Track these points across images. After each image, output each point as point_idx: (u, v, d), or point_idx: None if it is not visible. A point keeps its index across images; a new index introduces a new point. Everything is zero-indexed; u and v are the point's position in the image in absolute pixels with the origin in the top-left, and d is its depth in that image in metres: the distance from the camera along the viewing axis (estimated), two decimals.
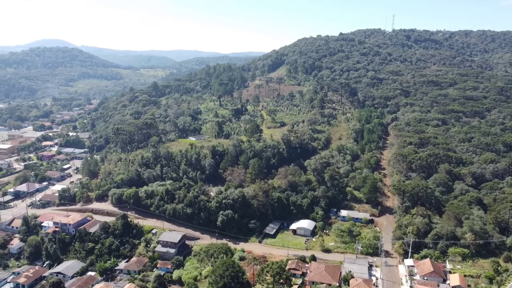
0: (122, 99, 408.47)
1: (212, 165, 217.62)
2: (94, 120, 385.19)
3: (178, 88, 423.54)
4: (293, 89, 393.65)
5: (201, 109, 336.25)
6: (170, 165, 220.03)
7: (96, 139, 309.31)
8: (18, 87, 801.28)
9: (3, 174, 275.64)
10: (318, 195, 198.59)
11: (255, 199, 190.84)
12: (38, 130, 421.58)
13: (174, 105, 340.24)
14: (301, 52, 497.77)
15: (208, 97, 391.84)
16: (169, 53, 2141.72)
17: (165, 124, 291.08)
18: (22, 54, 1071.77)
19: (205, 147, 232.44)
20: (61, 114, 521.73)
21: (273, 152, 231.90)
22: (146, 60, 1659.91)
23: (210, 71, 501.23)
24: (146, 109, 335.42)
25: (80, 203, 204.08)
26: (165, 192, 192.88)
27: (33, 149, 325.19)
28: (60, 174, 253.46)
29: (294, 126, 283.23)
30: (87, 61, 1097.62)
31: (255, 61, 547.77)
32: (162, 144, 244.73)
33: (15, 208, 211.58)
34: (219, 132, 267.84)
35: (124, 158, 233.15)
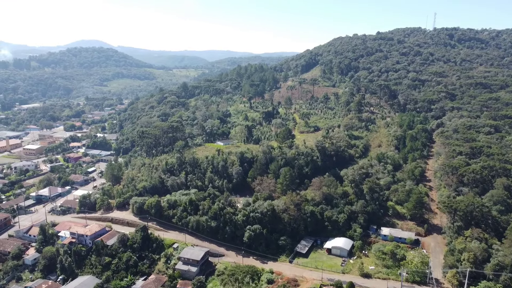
0: (151, 100, 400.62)
1: (240, 174, 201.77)
2: (122, 121, 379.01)
3: (208, 89, 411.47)
4: (328, 91, 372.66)
5: (231, 112, 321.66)
6: (195, 172, 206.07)
7: (122, 141, 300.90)
8: (55, 87, 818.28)
9: (30, 175, 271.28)
10: (356, 210, 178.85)
11: (286, 213, 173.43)
12: (69, 130, 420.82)
13: (203, 107, 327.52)
14: (336, 52, 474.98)
15: (238, 99, 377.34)
16: (202, 53, 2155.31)
17: (193, 127, 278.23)
18: (60, 54, 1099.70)
19: (233, 154, 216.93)
20: (92, 114, 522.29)
21: (306, 160, 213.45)
22: (180, 60, 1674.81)
23: (241, 71, 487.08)
24: (173, 111, 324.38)
25: (100, 211, 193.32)
26: (189, 203, 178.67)
27: (61, 150, 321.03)
28: (84, 178, 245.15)
29: (329, 131, 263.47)
30: (122, 61, 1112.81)
31: (288, 61, 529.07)
32: (188, 149, 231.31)
33: (36, 213, 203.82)
34: (248, 136, 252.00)
35: (148, 164, 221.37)
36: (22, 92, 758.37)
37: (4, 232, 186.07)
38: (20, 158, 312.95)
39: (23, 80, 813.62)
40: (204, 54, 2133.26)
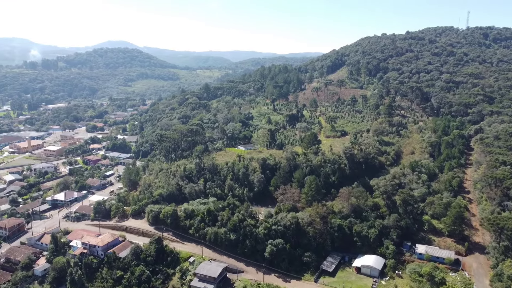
0: (172, 101, 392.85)
1: (262, 182, 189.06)
2: (143, 123, 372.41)
3: (230, 90, 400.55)
4: (355, 92, 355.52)
5: (253, 114, 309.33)
6: (215, 180, 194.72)
7: (142, 144, 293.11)
8: (80, 87, 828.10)
9: (48, 178, 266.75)
10: (389, 224, 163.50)
11: (311, 226, 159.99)
12: (90, 131, 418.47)
13: (225, 109, 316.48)
14: (364, 52, 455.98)
15: (261, 101, 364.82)
16: (226, 54, 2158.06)
17: (213, 130, 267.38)
18: (86, 54, 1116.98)
19: (254, 160, 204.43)
20: (115, 114, 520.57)
21: (333, 168, 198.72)
22: (204, 60, 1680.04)
23: (264, 72, 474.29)
24: (194, 113, 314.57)
25: (115, 218, 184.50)
26: (207, 213, 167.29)
27: (81, 152, 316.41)
28: (101, 182, 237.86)
29: (357, 137, 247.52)
30: (146, 61, 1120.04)
31: (313, 62, 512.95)
32: (208, 155, 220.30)
33: (50, 219, 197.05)
34: (271, 141, 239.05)
35: (166, 169, 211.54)
36: (48, 92, 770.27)
37: (17, 239, 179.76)
38: (40, 159, 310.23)
39: (50, 80, 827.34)
40: (228, 54, 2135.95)
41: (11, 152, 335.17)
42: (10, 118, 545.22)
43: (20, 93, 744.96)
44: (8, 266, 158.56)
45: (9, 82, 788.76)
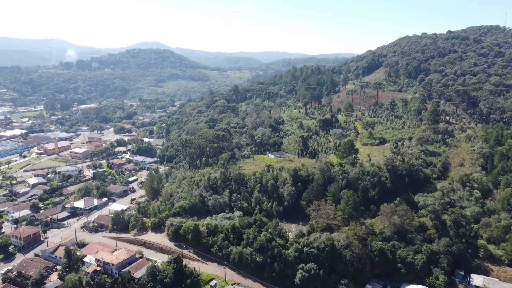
0: (200, 103, 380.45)
1: (293, 195, 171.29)
2: (170, 126, 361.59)
3: (260, 92, 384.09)
4: (394, 96, 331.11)
5: (284, 118, 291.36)
6: (241, 191, 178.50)
7: (167, 148, 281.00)
8: (112, 87, 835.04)
9: (72, 182, 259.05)
10: (438, 250, 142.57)
11: (348, 249, 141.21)
12: (118, 133, 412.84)
13: (254, 112, 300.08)
14: (403, 52, 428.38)
15: (292, 104, 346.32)
16: (257, 55, 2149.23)
17: (241, 135, 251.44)
18: (119, 55, 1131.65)
19: (285, 170, 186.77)
20: (144, 116, 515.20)
21: (373, 181, 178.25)
22: (235, 61, 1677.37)
23: (296, 73, 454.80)
24: (222, 116, 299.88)
25: (134, 231, 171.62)
26: (231, 230, 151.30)
27: (106, 155, 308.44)
28: (123, 189, 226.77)
29: (398, 145, 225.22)
30: (177, 62, 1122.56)
31: (348, 63, 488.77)
32: (234, 163, 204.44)
33: (67, 229, 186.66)
34: (303, 149, 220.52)
35: (189, 177, 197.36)
36: (81, 92, 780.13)
37: (31, 250, 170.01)
38: (66, 161, 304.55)
39: (83, 81, 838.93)
40: (259, 55, 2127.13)
41: (38, 154, 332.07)
42: (42, 118, 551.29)
43: (54, 93, 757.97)
44: (19, 281, 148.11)
45: (44, 82, 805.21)
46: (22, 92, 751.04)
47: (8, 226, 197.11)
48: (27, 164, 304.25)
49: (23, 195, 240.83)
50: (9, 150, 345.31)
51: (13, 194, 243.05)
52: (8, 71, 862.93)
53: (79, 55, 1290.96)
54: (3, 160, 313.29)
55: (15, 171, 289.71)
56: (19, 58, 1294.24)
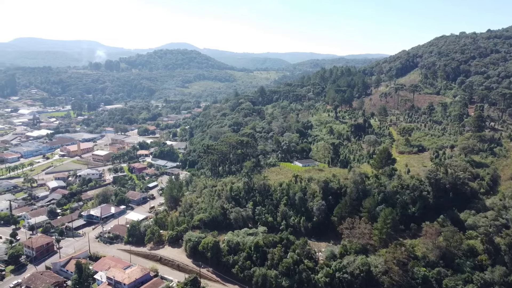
0: (224, 105, 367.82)
1: (323, 210, 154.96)
2: (193, 129, 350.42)
3: (288, 95, 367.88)
4: (431, 99, 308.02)
5: (312, 122, 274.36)
6: (266, 204, 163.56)
7: (189, 153, 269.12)
8: (139, 88, 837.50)
9: (91, 186, 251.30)
10: (492, 280, 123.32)
11: (387, 276, 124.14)
12: (142, 135, 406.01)
13: (280, 116, 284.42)
14: (440, 52, 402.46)
15: (321, 107, 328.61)
16: (284, 55, 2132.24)
17: (267, 141, 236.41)
18: (147, 56, 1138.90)
19: (314, 181, 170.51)
20: (168, 117, 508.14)
21: (413, 196, 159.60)
22: (262, 62, 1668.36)
23: (325, 75, 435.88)
24: (247, 120, 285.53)
25: (150, 244, 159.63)
26: (254, 248, 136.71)
27: (127, 158, 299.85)
28: (142, 196, 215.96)
29: (439, 154, 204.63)
30: (204, 63, 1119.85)
31: (380, 64, 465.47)
32: (259, 172, 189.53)
33: (82, 239, 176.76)
34: (334, 156, 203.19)
35: (210, 186, 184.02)
36: (109, 92, 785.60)
37: (43, 261, 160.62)
38: (87, 164, 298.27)
39: (111, 81, 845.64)
40: (286, 56, 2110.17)
41: (61, 155, 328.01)
42: (69, 118, 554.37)
43: (82, 93, 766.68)
44: None
45: (73, 82, 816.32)
46: (52, 92, 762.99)
47: (23, 232, 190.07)
48: (49, 166, 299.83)
49: (42, 199, 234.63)
50: (34, 151, 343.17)
51: (32, 198, 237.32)
52: (40, 71, 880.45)
53: (108, 56, 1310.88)
54: (26, 162, 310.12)
55: (37, 173, 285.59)
56: (53, 59, 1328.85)
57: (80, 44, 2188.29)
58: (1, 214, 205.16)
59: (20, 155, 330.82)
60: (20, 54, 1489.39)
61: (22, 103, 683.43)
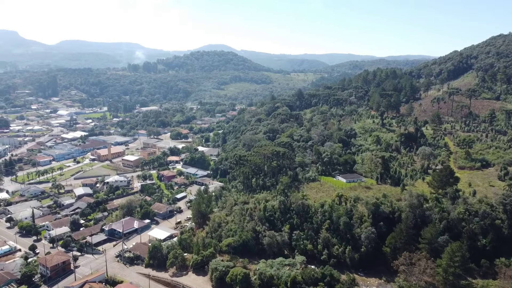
0: (260, 110, 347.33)
1: (373, 239, 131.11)
2: (226, 134, 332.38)
3: (328, 99, 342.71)
4: (491, 105, 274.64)
5: (356, 130, 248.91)
6: (305, 228, 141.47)
7: (221, 161, 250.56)
8: (175, 89, 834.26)
9: (118, 194, 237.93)
10: None
11: None
12: (174, 138, 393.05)
13: (320, 123, 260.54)
14: (498, 53, 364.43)
15: (364, 112, 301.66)
16: (321, 57, 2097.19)
17: (305, 151, 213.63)
18: (184, 57, 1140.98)
19: (361, 202, 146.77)
20: (202, 120, 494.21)
21: (483, 224, 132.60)
22: (299, 63, 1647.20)
23: (368, 77, 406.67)
24: (283, 126, 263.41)
25: (172, 269, 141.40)
26: (291, 284, 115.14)
27: (157, 164, 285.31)
28: (168, 209, 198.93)
29: (508, 171, 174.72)
30: (240, 64, 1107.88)
31: (429, 65, 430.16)
32: (296, 187, 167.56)
33: (101, 257, 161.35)
34: (383, 171, 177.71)
35: (241, 203, 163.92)
36: (145, 94, 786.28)
37: (58, 282, 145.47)
38: (116, 170, 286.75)
39: (148, 83, 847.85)
40: (323, 57, 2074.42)
41: (91, 160, 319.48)
42: (105, 119, 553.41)
43: (120, 94, 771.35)
44: None
45: (111, 84, 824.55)
46: (91, 94, 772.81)
47: (44, 245, 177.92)
48: (78, 171, 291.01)
49: (67, 207, 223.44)
50: (65, 154, 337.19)
51: (57, 206, 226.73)
52: (80, 72, 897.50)
53: (147, 58, 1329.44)
54: (57, 165, 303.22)
55: (65, 178, 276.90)
56: (95, 60, 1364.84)
57: (121, 46, 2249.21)
58: (24, 224, 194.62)
59: (52, 158, 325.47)
60: (65, 56, 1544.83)
61: (62, 104, 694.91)
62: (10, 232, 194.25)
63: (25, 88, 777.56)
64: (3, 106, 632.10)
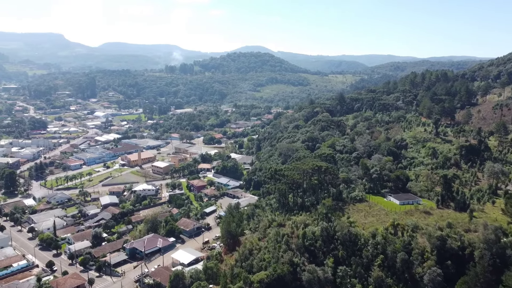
0: (297, 115, 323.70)
1: (439, 283, 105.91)
2: (261, 141, 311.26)
3: (372, 103, 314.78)
4: None
5: (407, 140, 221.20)
6: (352, 263, 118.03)
7: (255, 171, 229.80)
8: (211, 91, 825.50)
9: (145, 205, 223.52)
10: None
11: None
12: (207, 143, 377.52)
13: (365, 131, 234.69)
14: None
15: (414, 119, 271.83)
16: (359, 58, 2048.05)
17: (350, 164, 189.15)
18: (220, 59, 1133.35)
19: (422, 233, 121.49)
20: (237, 124, 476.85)
21: None
22: (337, 65, 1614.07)
23: (416, 80, 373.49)
24: (324, 134, 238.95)
25: None
26: None
27: (187, 172, 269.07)
28: (196, 226, 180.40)
29: None
30: (277, 66, 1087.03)
31: (484, 67, 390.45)
32: (341, 209, 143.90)
33: (120, 280, 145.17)
34: (445, 192, 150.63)
35: (277, 225, 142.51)
36: (181, 95, 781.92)
37: None
38: (146, 177, 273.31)
39: (184, 84, 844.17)
40: (362, 58, 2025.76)
41: (121, 165, 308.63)
42: (139, 122, 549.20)
43: (156, 96, 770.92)
44: None
45: (148, 85, 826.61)
46: (128, 95, 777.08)
47: (62, 261, 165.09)
48: (107, 177, 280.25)
49: (91, 217, 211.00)
50: (96, 158, 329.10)
51: (82, 215, 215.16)
52: (118, 74, 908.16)
53: (185, 59, 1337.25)
54: (86, 170, 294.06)
55: (94, 184, 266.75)
56: (134, 62, 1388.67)
57: (160, 48, 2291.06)
58: (44, 236, 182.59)
59: (83, 162, 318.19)
60: (107, 58, 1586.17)
61: (99, 105, 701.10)
62: (31, 244, 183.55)
63: (65, 89, 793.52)
64: (43, 107, 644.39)
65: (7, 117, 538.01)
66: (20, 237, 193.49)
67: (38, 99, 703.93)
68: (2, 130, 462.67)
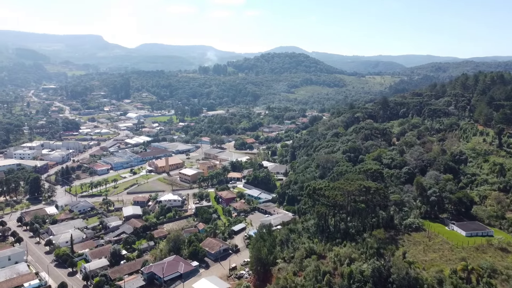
0: (336, 121, 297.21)
1: None
2: (296, 149, 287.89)
3: (420, 108, 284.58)
4: None
5: (466, 152, 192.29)
6: None
7: (289, 184, 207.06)
8: (244, 92, 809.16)
9: (170, 217, 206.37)
10: None
11: None
12: (238, 148, 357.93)
13: (416, 141, 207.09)
14: None
15: (469, 126, 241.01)
16: (397, 58, 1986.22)
17: (400, 181, 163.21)
18: (254, 59, 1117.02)
19: (501, 277, 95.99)
20: (270, 127, 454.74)
21: None
22: (373, 65, 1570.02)
23: (468, 82, 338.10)
24: (368, 145, 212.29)
25: None
26: None
27: (216, 181, 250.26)
28: (222, 247, 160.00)
29: None
30: (312, 66, 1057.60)
31: None
32: (393, 241, 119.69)
33: None
34: None
35: (316, 258, 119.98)
36: (214, 97, 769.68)
37: None
38: (172, 185, 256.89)
39: (217, 85, 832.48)
40: (399, 59, 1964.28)
41: (148, 171, 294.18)
42: (171, 123, 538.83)
43: (188, 97, 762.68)
44: None
45: (181, 86, 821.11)
46: (161, 96, 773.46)
47: (77, 280, 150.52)
48: (133, 184, 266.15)
49: (112, 230, 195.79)
50: (124, 162, 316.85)
51: (103, 227, 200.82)
52: (152, 75, 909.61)
53: (219, 60, 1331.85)
54: (113, 176, 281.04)
55: (118, 192, 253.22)
56: (169, 63, 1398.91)
57: (195, 48, 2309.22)
58: (60, 252, 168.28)
59: (110, 167, 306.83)
60: (143, 59, 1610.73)
61: (132, 106, 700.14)
62: (47, 259, 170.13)
63: (100, 90, 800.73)
64: (78, 108, 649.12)
65: (43, 118, 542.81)
66: (37, 250, 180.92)
67: (74, 99, 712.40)
68: (37, 131, 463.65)
